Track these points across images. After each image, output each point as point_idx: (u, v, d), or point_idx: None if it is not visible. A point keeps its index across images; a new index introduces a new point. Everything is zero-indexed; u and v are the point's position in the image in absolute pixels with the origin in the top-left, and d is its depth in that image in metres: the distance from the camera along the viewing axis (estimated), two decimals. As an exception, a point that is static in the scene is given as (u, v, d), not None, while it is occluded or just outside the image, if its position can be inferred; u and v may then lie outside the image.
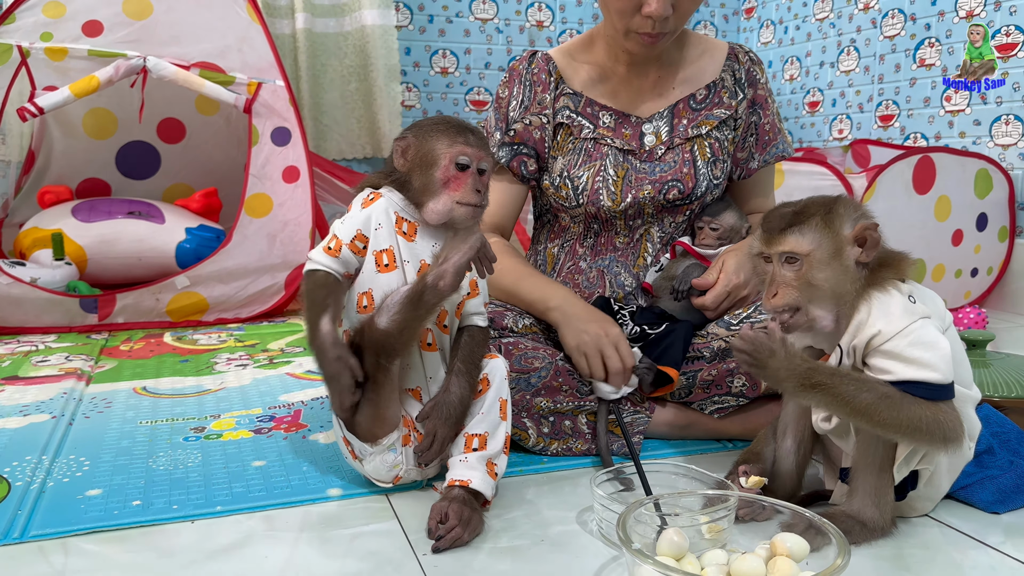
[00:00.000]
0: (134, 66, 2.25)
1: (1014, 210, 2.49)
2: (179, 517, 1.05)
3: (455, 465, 1.07)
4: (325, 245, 1.09)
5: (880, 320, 0.96)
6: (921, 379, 0.94)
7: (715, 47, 1.48)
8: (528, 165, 1.45)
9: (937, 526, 1.05)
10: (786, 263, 0.98)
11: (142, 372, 1.76)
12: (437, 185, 1.08)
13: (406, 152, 1.10)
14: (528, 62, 1.48)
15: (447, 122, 1.11)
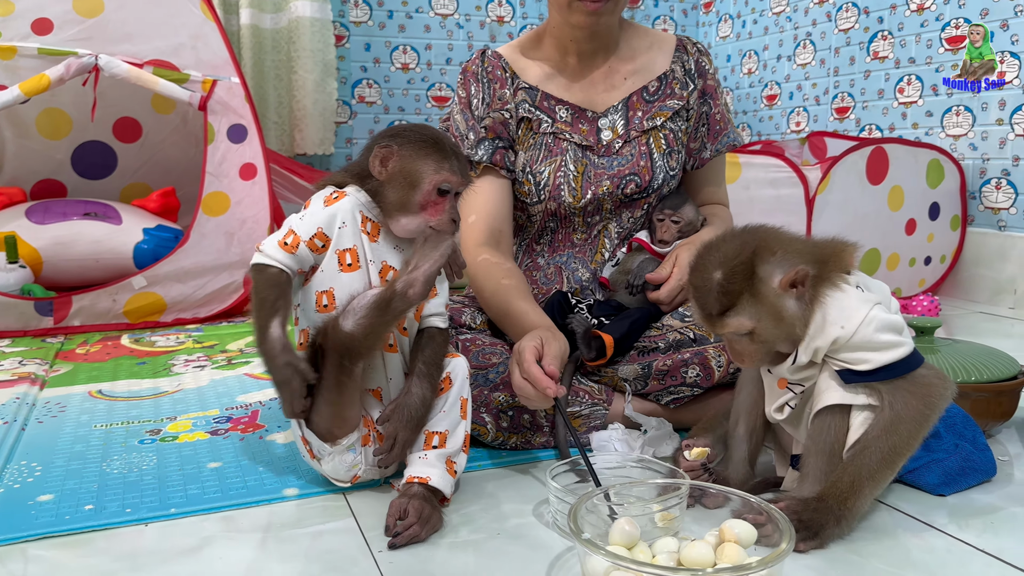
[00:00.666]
0: (85, 64, 2.21)
1: (965, 199, 2.55)
2: (133, 520, 1.04)
3: (414, 462, 1.07)
4: (280, 239, 1.05)
5: (840, 318, 0.97)
6: (894, 360, 0.97)
7: (663, 39, 1.50)
8: (510, 156, 1.44)
9: (885, 509, 1.07)
10: (735, 335, 0.99)
11: (98, 375, 1.74)
12: (414, 206, 1.06)
13: (386, 162, 1.07)
14: (480, 60, 1.48)
15: (433, 141, 1.08)
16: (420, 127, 1.10)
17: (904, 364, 0.98)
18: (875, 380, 0.97)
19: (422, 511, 1.01)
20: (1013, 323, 2.27)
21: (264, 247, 1.06)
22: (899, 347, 0.97)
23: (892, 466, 0.97)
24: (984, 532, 1.01)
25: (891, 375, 0.97)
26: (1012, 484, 1.16)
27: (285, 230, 1.06)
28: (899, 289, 2.46)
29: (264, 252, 1.05)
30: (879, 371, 0.97)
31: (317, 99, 3.10)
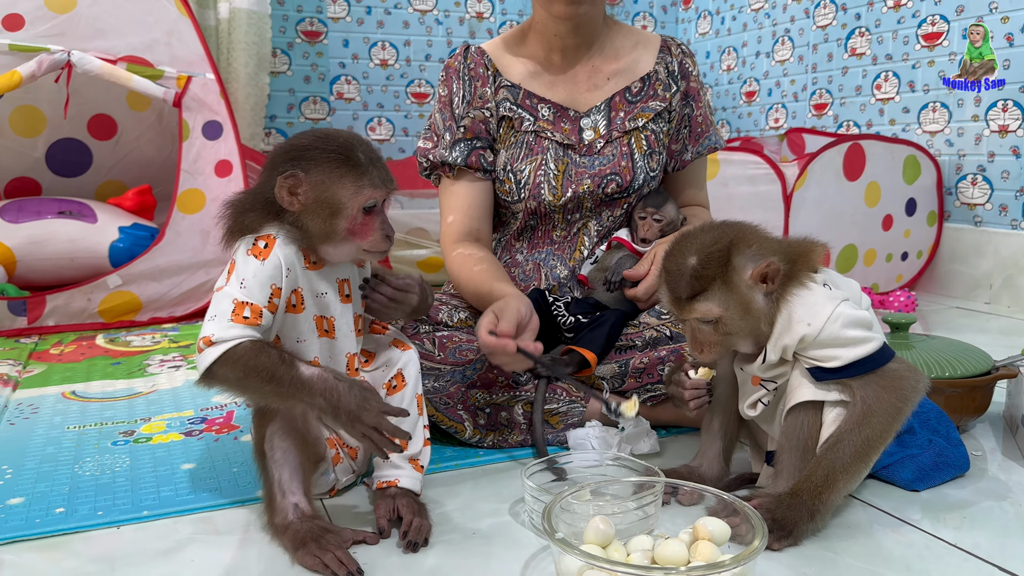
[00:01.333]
0: (58, 61, 2.18)
1: (942, 195, 2.57)
2: (105, 523, 1.02)
3: (381, 466, 1.06)
4: (232, 315, 0.91)
5: (806, 316, 0.98)
6: (864, 355, 0.97)
7: (648, 39, 1.50)
8: (487, 157, 1.44)
9: (859, 505, 1.08)
10: (700, 322, 0.99)
11: (72, 376, 1.72)
12: (340, 233, 0.96)
13: (295, 191, 0.95)
14: (463, 57, 1.47)
15: (343, 156, 0.96)
16: (322, 138, 0.97)
17: (874, 359, 0.98)
18: (845, 376, 0.98)
19: (412, 506, 1.01)
20: (989, 318, 2.29)
21: (218, 334, 0.90)
22: (867, 343, 0.98)
23: (866, 459, 0.97)
24: (958, 527, 1.01)
25: (861, 371, 0.98)
26: (985, 479, 1.16)
27: (227, 304, 0.92)
28: (876, 285, 2.47)
29: (221, 339, 0.90)
30: (849, 367, 0.97)
31: (250, 93, 3.03)
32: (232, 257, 0.98)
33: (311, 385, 0.91)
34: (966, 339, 1.52)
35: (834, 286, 1.01)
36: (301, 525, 0.94)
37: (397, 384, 1.08)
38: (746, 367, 1.05)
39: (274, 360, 0.91)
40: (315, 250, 0.99)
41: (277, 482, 0.96)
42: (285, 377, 0.91)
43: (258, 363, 0.91)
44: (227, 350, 0.90)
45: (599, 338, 1.33)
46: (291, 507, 0.96)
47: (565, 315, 1.40)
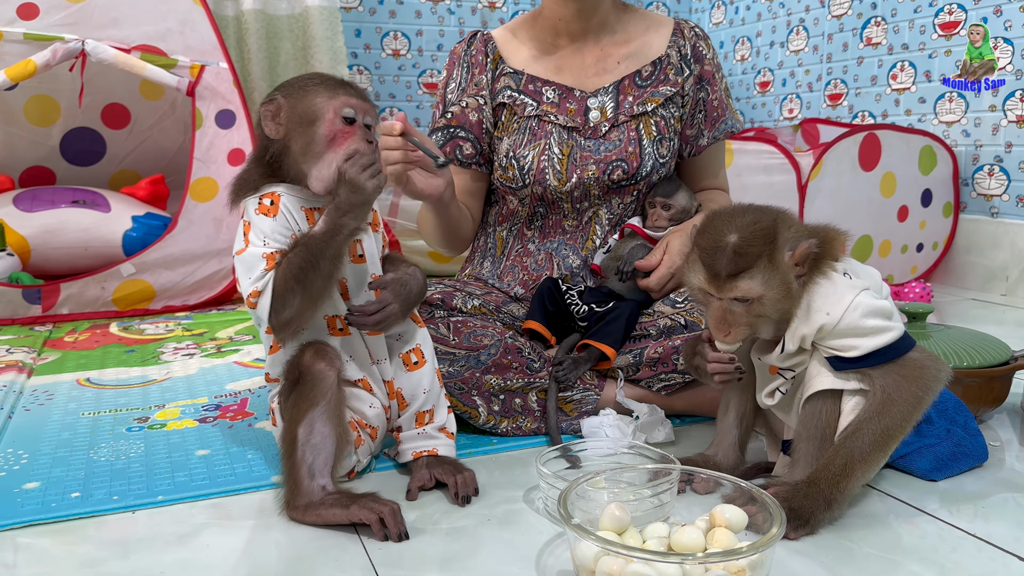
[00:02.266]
0: (72, 50, 2.19)
1: (958, 186, 2.54)
2: (120, 508, 1.03)
3: (413, 439, 1.09)
4: (265, 268, 0.96)
5: (825, 305, 0.97)
6: (883, 344, 0.96)
7: (660, 22, 1.48)
8: (464, 149, 1.43)
9: (877, 494, 1.07)
10: (734, 301, 0.96)
11: (86, 363, 1.72)
12: (321, 145, 0.97)
13: (277, 115, 0.99)
14: (467, 44, 1.47)
15: (320, 76, 1.02)
16: (304, 74, 1.04)
17: (894, 348, 0.97)
18: (865, 366, 0.97)
19: (450, 469, 1.06)
20: (1005, 310, 2.27)
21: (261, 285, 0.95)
22: (887, 332, 0.97)
23: (885, 448, 0.97)
24: (975, 517, 1.00)
25: (881, 360, 0.97)
26: (1003, 469, 1.15)
27: (257, 263, 0.96)
28: (891, 276, 2.46)
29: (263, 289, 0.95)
30: (868, 357, 0.96)
31: None
32: (243, 219, 1.00)
33: (327, 218, 0.94)
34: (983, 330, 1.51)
35: (854, 275, 1.00)
36: (333, 497, 0.96)
37: (418, 360, 1.11)
38: (764, 356, 1.04)
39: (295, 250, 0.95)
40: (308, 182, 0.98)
41: (308, 466, 0.97)
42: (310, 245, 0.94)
43: (291, 265, 0.94)
44: (269, 286, 0.95)
45: (616, 331, 1.32)
46: (318, 488, 0.97)
47: (579, 304, 1.39)
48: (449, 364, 1.26)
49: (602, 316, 1.36)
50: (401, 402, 1.11)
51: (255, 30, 3.00)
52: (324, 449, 0.97)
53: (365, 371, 1.08)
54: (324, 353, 0.99)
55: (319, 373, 0.97)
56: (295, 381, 0.98)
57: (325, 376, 0.97)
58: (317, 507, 0.96)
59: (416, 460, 1.09)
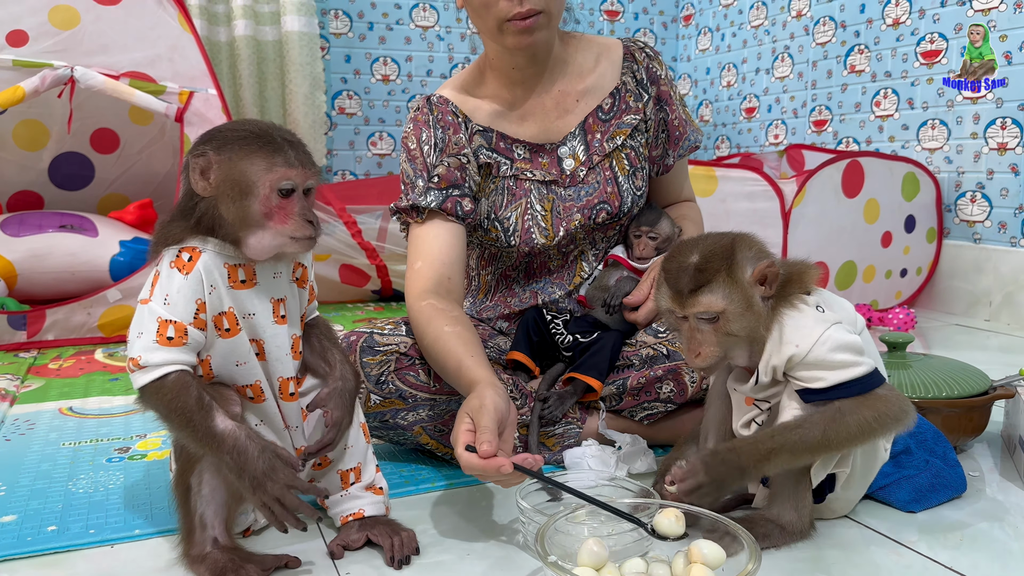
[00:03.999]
0: (61, 76, 2.20)
1: (941, 212, 2.57)
2: (97, 542, 1.02)
3: (338, 503, 1.04)
4: (156, 336, 0.88)
5: (795, 337, 0.98)
6: (850, 378, 0.97)
7: (609, 47, 1.44)
8: (463, 205, 1.32)
9: (855, 526, 1.07)
10: (701, 320, 0.98)
11: (69, 392, 1.72)
12: (256, 217, 0.91)
13: (207, 173, 0.90)
14: (428, 107, 1.38)
15: (256, 134, 0.91)
16: (237, 123, 0.95)
17: (861, 383, 0.97)
18: (831, 398, 0.97)
19: (385, 530, 1.00)
20: (988, 335, 2.29)
21: (145, 357, 0.89)
22: (855, 366, 0.97)
23: (814, 454, 0.97)
24: (955, 549, 1.01)
25: (847, 393, 0.97)
26: (982, 500, 1.16)
27: (150, 324, 0.89)
28: (875, 301, 2.47)
29: (146, 364, 0.89)
30: (835, 389, 0.97)
31: (307, 112, 3.10)
32: (156, 268, 0.93)
33: (222, 440, 0.89)
34: (966, 356, 1.52)
35: (827, 308, 1.01)
36: (220, 555, 0.93)
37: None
38: (739, 387, 1.05)
39: (192, 404, 0.89)
40: (240, 244, 0.92)
41: (199, 516, 0.94)
42: (200, 425, 0.88)
43: (178, 403, 0.88)
44: (153, 380, 0.89)
45: (601, 363, 1.33)
46: (210, 540, 0.94)
47: (564, 333, 1.40)
48: (430, 408, 1.26)
49: (587, 347, 1.36)
50: (324, 460, 1.05)
51: (246, 56, 3.04)
52: (213, 501, 0.94)
53: (276, 435, 1.01)
54: (222, 398, 0.94)
55: None
56: None
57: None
58: (199, 563, 0.93)
59: (343, 525, 1.03)
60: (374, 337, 1.27)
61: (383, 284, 2.73)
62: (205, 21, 2.98)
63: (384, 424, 1.26)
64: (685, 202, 1.54)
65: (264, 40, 3.09)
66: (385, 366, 1.24)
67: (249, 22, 3.03)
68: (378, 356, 1.25)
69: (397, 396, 1.24)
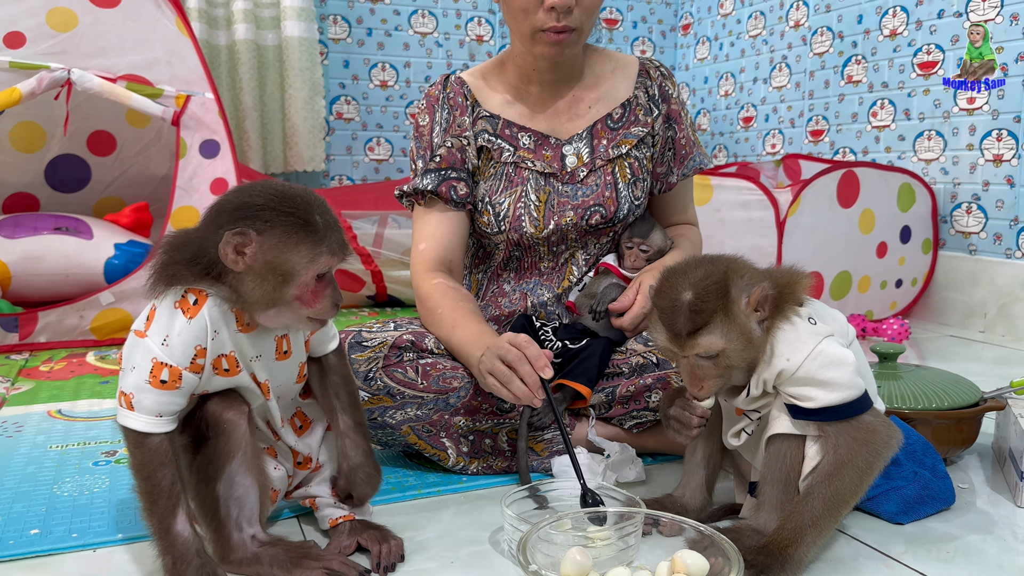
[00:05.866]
0: (58, 79, 2.20)
1: (937, 223, 2.57)
2: (79, 546, 1.02)
3: (329, 505, 1.06)
4: (150, 377, 0.87)
5: (786, 351, 0.97)
6: (840, 402, 0.96)
7: (626, 63, 1.48)
8: (458, 189, 1.38)
9: (843, 538, 1.07)
10: (701, 358, 0.96)
11: (59, 394, 1.71)
12: (288, 300, 0.90)
13: (241, 250, 0.87)
14: (443, 86, 1.44)
15: (302, 220, 0.88)
16: (278, 197, 0.89)
17: (850, 408, 0.96)
18: (819, 420, 0.97)
19: (374, 535, 1.00)
20: (983, 347, 2.28)
21: (138, 398, 0.87)
22: (845, 389, 0.96)
23: (836, 513, 0.96)
24: (942, 562, 1.00)
25: (835, 417, 0.96)
26: (971, 512, 1.15)
27: (145, 363, 0.88)
28: (870, 312, 2.47)
29: (138, 408, 0.87)
30: (824, 411, 0.96)
31: (306, 117, 3.11)
32: (155, 303, 0.91)
33: (173, 540, 0.88)
34: (960, 367, 1.51)
35: (819, 319, 1.01)
36: (274, 550, 0.93)
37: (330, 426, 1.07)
38: (729, 399, 1.04)
39: (164, 486, 0.88)
40: (252, 312, 0.92)
41: (235, 519, 0.94)
42: (160, 513, 0.88)
43: (151, 474, 0.88)
44: (134, 428, 0.88)
45: (590, 369, 1.32)
46: (249, 539, 0.94)
47: (553, 340, 1.39)
48: (417, 407, 1.25)
49: (576, 354, 1.36)
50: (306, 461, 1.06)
51: (247, 60, 3.04)
52: (248, 500, 0.94)
53: (269, 443, 1.04)
54: (231, 401, 0.95)
55: (230, 423, 0.93)
56: (203, 434, 0.94)
57: (237, 425, 0.93)
58: (253, 563, 0.93)
59: (335, 527, 1.03)
60: (362, 333, 1.28)
61: (378, 290, 2.73)
62: (205, 25, 2.99)
63: (372, 423, 1.25)
64: (686, 224, 1.55)
65: (264, 45, 3.10)
66: (374, 362, 1.24)
67: (249, 26, 3.04)
68: (367, 352, 1.25)
69: (385, 393, 1.24)
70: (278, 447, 1.05)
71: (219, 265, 0.88)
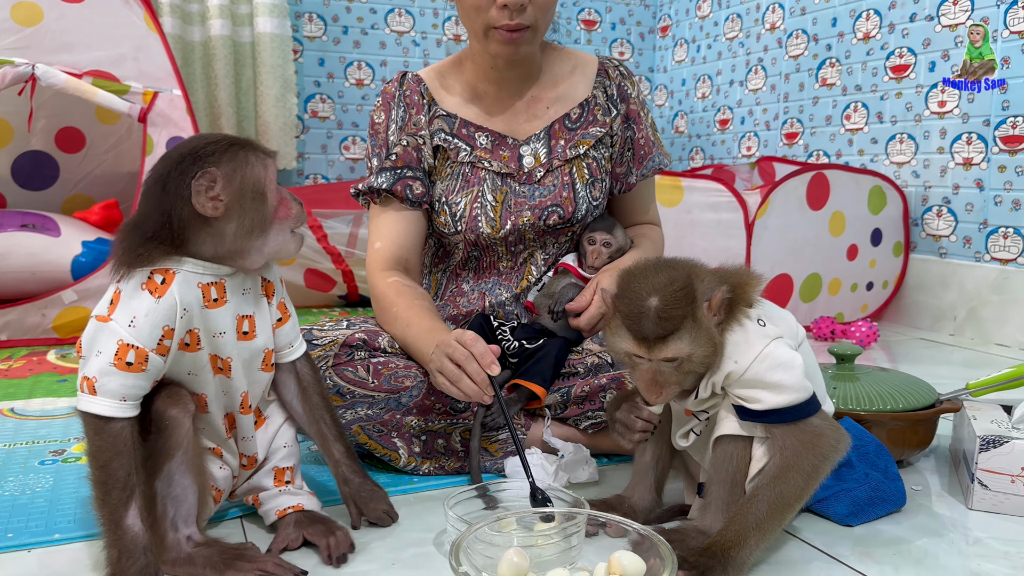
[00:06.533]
0: (22, 74, 2.17)
1: (908, 226, 2.57)
2: (14, 546, 1.00)
3: (275, 496, 1.05)
4: (115, 359, 0.86)
5: (735, 353, 0.96)
6: (787, 404, 0.95)
7: (585, 62, 1.47)
8: (414, 188, 1.37)
9: (791, 540, 1.06)
10: (664, 362, 0.95)
11: (14, 393, 1.69)
12: (269, 219, 0.92)
13: (213, 190, 0.88)
14: (399, 83, 1.43)
15: (233, 141, 0.93)
16: (204, 137, 0.93)
17: (797, 410, 0.96)
18: (766, 421, 0.96)
19: (321, 529, 1.00)
20: (953, 350, 2.29)
21: (100, 383, 0.86)
22: (793, 391, 0.95)
23: (780, 516, 0.95)
24: (888, 565, 1.00)
25: (782, 419, 0.95)
26: (922, 515, 1.15)
27: (109, 345, 0.86)
28: (840, 314, 2.47)
29: (101, 392, 0.86)
30: (770, 413, 0.95)
31: (278, 114, 3.08)
32: (117, 284, 0.90)
33: (122, 534, 0.86)
34: (928, 370, 1.51)
35: (769, 320, 1.00)
36: (208, 551, 0.92)
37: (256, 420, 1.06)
38: (679, 402, 1.04)
39: (120, 477, 0.86)
40: (239, 257, 0.93)
41: (171, 519, 0.93)
42: (112, 504, 0.86)
43: (107, 463, 0.86)
44: (95, 414, 0.87)
45: (545, 370, 1.31)
46: (184, 539, 0.93)
47: (510, 340, 1.38)
48: (368, 407, 1.24)
49: (532, 353, 1.35)
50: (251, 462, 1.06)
51: (222, 56, 3.01)
52: (186, 500, 0.93)
53: (221, 444, 1.03)
54: (177, 397, 0.94)
55: (173, 420, 0.92)
56: (145, 429, 0.93)
57: (180, 423, 0.92)
58: (187, 564, 0.92)
59: (282, 519, 1.02)
60: (313, 332, 1.27)
61: (349, 289, 2.71)
62: (179, 20, 2.96)
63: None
64: (648, 224, 1.54)
65: (239, 41, 3.08)
66: (324, 361, 1.23)
67: (225, 22, 3.01)
68: (316, 351, 1.24)
69: (335, 392, 1.22)
70: (227, 445, 1.03)
71: (185, 230, 0.89)
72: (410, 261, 1.38)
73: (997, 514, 1.15)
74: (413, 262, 1.39)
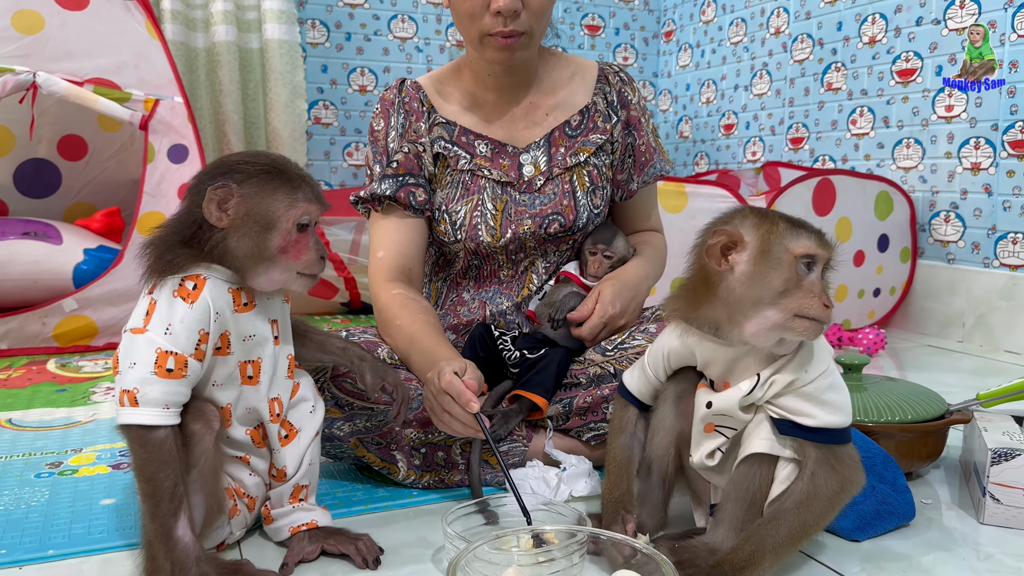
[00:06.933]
0: (23, 82, 2.16)
1: (915, 231, 2.55)
2: (7, 563, 0.98)
3: (288, 514, 1.03)
4: (155, 367, 0.86)
5: (806, 361, 0.94)
6: (834, 426, 0.93)
7: (585, 68, 1.45)
8: (417, 195, 1.35)
9: (797, 555, 1.03)
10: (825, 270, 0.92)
11: (12, 403, 1.67)
12: (272, 251, 0.92)
13: (224, 205, 0.90)
14: (398, 90, 1.41)
15: (277, 169, 0.93)
16: (252, 154, 0.95)
17: (841, 434, 0.94)
18: (811, 439, 0.93)
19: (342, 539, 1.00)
20: (961, 357, 2.26)
21: (142, 392, 0.86)
22: (840, 413, 0.93)
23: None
24: (896, 581, 0.98)
25: (827, 440, 0.93)
26: (931, 529, 1.12)
27: (147, 355, 0.87)
28: (848, 321, 2.45)
29: (143, 402, 0.86)
30: (820, 432, 0.92)
31: (287, 120, 3.07)
32: (151, 295, 0.91)
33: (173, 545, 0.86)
34: (937, 378, 1.48)
35: None
36: (205, 567, 0.90)
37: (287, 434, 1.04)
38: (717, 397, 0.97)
39: (167, 487, 0.86)
40: (245, 276, 0.93)
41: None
42: (162, 515, 0.86)
43: (153, 475, 0.86)
44: (138, 425, 0.86)
45: (547, 380, 1.29)
46: None
47: (511, 350, 1.36)
48: (367, 419, 1.22)
49: (533, 363, 1.33)
50: (280, 474, 1.04)
51: (227, 62, 3.00)
52: (193, 518, 0.92)
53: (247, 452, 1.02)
54: (202, 413, 0.93)
55: (194, 435, 0.91)
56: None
57: (201, 439, 0.92)
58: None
59: (294, 535, 1.01)
60: None
61: (352, 297, 2.69)
62: (182, 26, 2.95)
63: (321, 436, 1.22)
64: (650, 231, 1.52)
65: (247, 48, 3.07)
66: (322, 373, 1.21)
67: (230, 28, 3.00)
68: None
69: (334, 404, 1.21)
70: (257, 452, 1.02)
71: (213, 241, 0.90)
72: (413, 270, 1.37)
73: (1009, 529, 1.12)
74: (416, 271, 1.38)
